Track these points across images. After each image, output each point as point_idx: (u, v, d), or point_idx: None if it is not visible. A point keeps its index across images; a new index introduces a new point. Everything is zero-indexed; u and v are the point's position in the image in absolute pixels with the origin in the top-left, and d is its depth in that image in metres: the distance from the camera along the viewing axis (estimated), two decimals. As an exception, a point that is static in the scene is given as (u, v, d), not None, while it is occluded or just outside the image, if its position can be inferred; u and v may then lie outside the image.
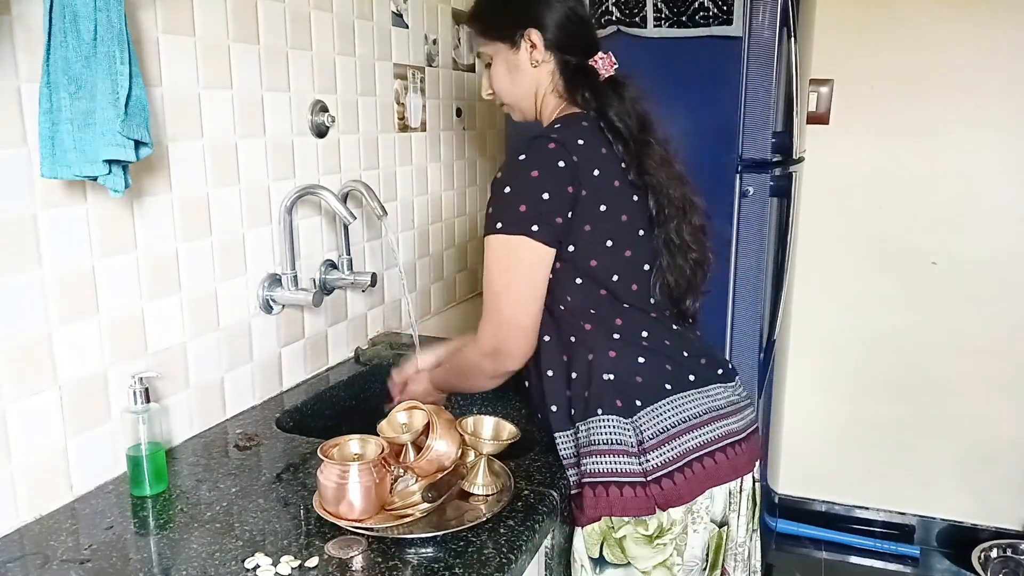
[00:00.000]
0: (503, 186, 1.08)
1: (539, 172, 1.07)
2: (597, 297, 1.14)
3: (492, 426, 1.12)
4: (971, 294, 2.54)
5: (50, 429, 1.04)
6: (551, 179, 1.07)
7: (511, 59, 1.20)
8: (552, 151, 1.07)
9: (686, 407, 1.13)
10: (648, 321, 1.16)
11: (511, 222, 1.07)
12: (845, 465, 2.79)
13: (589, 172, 1.09)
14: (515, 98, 1.24)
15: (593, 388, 1.11)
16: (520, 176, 1.07)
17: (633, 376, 1.12)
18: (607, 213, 1.11)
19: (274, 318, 1.46)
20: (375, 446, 1.03)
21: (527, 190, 1.06)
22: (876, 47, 2.48)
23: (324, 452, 1.00)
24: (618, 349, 1.13)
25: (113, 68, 0.93)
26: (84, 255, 1.07)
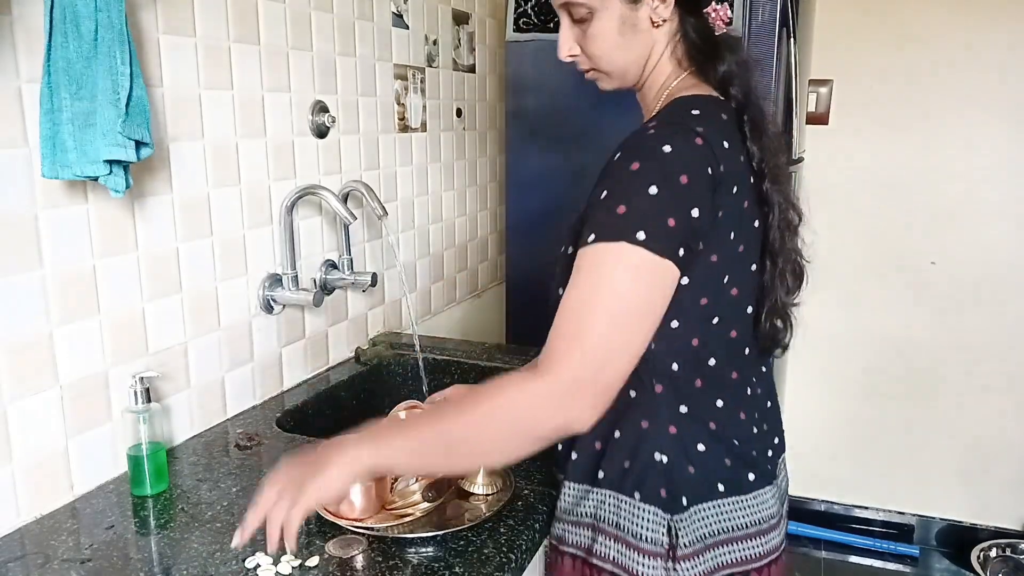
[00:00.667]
0: (646, 182, 0.80)
1: (689, 178, 0.81)
2: (686, 349, 0.90)
3: None
4: (971, 294, 2.54)
5: (51, 429, 1.04)
6: (702, 190, 0.82)
7: (628, 16, 0.91)
8: (701, 151, 0.83)
9: (733, 516, 0.93)
10: (729, 385, 0.94)
11: (660, 237, 0.79)
12: (845, 465, 2.79)
13: (731, 188, 0.86)
14: (621, 65, 0.95)
15: (637, 463, 0.90)
16: (669, 178, 0.81)
17: (687, 465, 0.90)
18: (734, 241, 0.88)
19: (274, 318, 1.46)
20: None
21: (678, 200, 0.81)
22: (876, 47, 2.49)
23: None
24: (681, 425, 0.90)
25: (114, 68, 0.93)
26: (85, 255, 1.07)
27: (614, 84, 0.99)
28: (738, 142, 0.89)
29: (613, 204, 0.81)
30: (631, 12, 0.91)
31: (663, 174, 0.81)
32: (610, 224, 0.80)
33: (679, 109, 0.89)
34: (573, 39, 0.96)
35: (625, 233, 0.79)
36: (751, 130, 0.90)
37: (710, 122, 0.86)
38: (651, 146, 0.83)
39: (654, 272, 0.80)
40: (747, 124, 0.90)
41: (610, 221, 0.80)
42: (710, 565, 0.91)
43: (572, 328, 0.79)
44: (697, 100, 0.90)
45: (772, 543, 0.96)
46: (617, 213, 0.80)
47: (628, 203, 0.80)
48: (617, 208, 0.80)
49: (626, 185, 0.81)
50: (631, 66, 0.96)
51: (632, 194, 0.81)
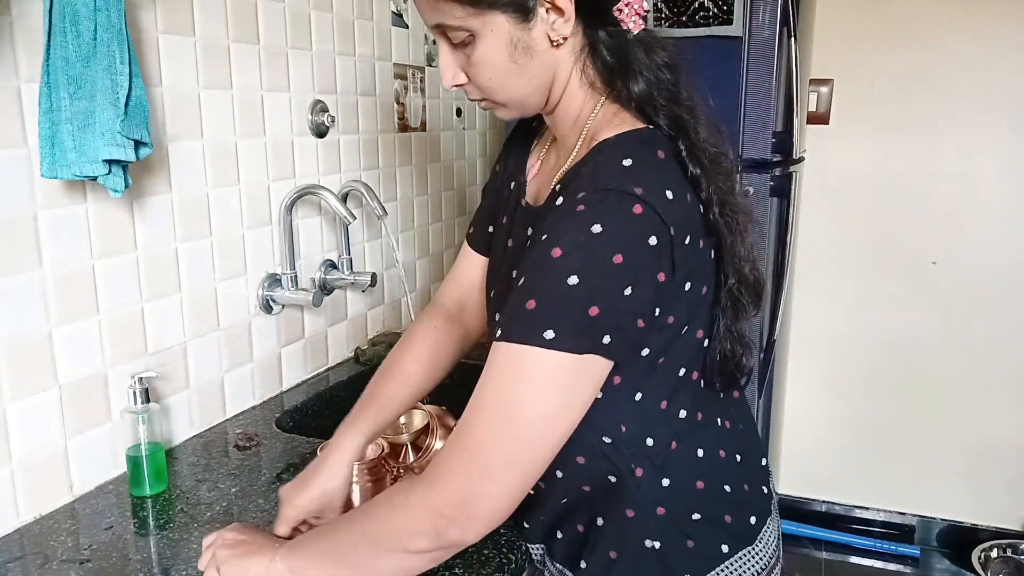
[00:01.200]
0: (566, 273, 0.69)
1: (623, 256, 0.69)
2: (655, 416, 0.81)
3: None
4: (971, 294, 2.54)
5: (50, 429, 1.04)
6: (639, 265, 0.70)
7: (519, 37, 0.76)
8: (640, 220, 0.70)
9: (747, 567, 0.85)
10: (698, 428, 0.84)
11: (575, 331, 0.69)
12: (845, 465, 2.79)
13: (683, 239, 0.74)
14: (517, 95, 0.81)
15: (626, 554, 0.81)
16: (595, 260, 0.69)
17: (684, 540, 0.82)
18: (690, 292, 0.78)
19: (274, 318, 1.46)
20: (375, 446, 1.03)
21: (605, 284, 0.69)
22: (876, 47, 2.48)
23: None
24: (668, 503, 0.81)
25: (113, 68, 0.93)
26: (84, 255, 1.07)
27: (513, 114, 0.85)
28: (681, 180, 0.76)
29: (524, 298, 0.71)
30: (522, 32, 0.76)
31: (589, 259, 0.69)
32: (518, 321, 0.70)
33: (608, 163, 0.74)
34: (457, 65, 0.80)
35: (531, 334, 0.69)
36: (689, 158, 0.78)
37: (646, 171, 0.73)
38: (578, 228, 0.70)
39: (568, 371, 0.70)
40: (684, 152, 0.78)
41: (519, 317, 0.70)
42: None
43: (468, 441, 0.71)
44: (624, 144, 0.76)
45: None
46: (526, 309, 0.70)
47: (539, 297, 0.70)
48: (527, 303, 0.70)
49: (542, 276, 0.71)
50: (531, 95, 0.81)
51: (547, 287, 0.70)
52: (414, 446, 1.10)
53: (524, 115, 0.87)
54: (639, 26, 0.78)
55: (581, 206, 0.71)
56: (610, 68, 0.80)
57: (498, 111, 0.85)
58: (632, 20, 0.77)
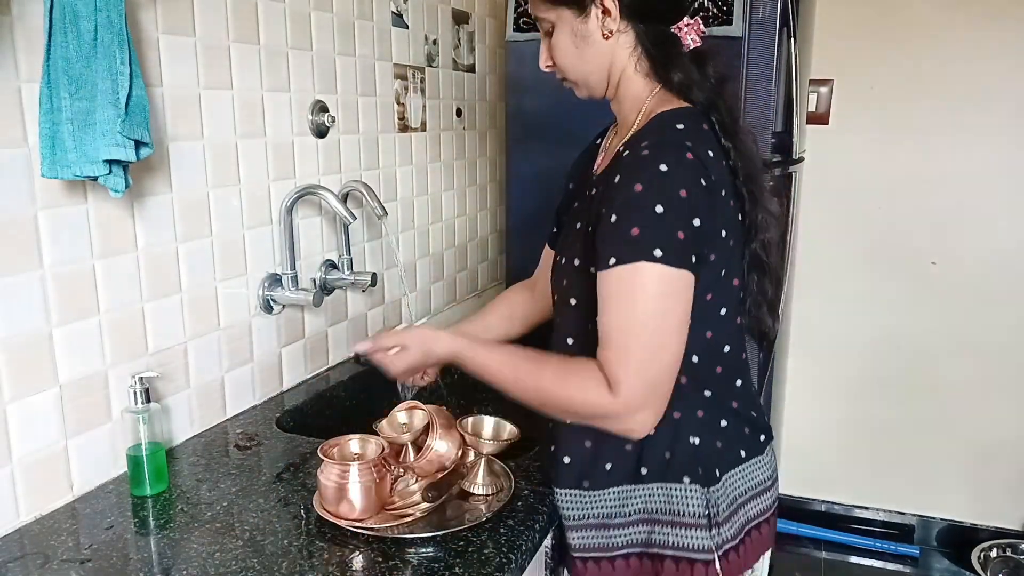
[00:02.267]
0: (652, 203, 0.87)
1: (687, 192, 0.88)
2: (702, 342, 0.98)
3: (492, 426, 1.12)
4: (971, 294, 2.54)
5: (50, 429, 1.04)
6: (699, 200, 0.90)
7: (579, 28, 0.99)
8: (693, 165, 0.90)
9: (754, 474, 1.06)
10: (742, 367, 1.06)
11: (674, 251, 0.87)
12: (845, 465, 2.79)
13: (720, 191, 0.94)
14: (582, 74, 1.03)
15: (677, 451, 0.99)
16: (670, 193, 0.88)
17: (715, 441, 1.01)
18: (726, 239, 0.96)
19: (274, 318, 1.46)
20: (375, 446, 1.03)
21: (681, 213, 0.88)
22: (876, 47, 2.49)
23: (324, 452, 1.00)
24: (707, 408, 1.01)
25: (113, 68, 0.93)
26: (84, 255, 1.07)
27: (583, 93, 1.07)
28: (718, 148, 0.97)
29: (627, 227, 0.88)
30: (581, 24, 0.99)
31: (665, 193, 0.88)
32: (627, 247, 0.88)
33: (664, 126, 0.96)
34: (547, 51, 1.05)
35: (643, 253, 0.87)
36: (722, 130, 0.98)
37: (695, 134, 0.94)
38: (648, 167, 0.89)
39: (675, 284, 0.88)
40: (716, 125, 0.98)
41: (627, 244, 0.88)
42: (741, 521, 1.03)
43: (628, 350, 0.89)
44: (677, 114, 0.97)
45: (773, 496, 1.09)
46: (632, 235, 0.88)
47: (640, 224, 0.88)
48: (631, 231, 0.88)
49: (634, 207, 0.88)
50: (591, 76, 1.03)
51: (641, 215, 0.88)
52: (414, 445, 1.10)
53: (592, 95, 1.06)
54: (696, 43, 1.00)
55: (646, 151, 0.91)
56: (658, 63, 1.00)
57: (576, 89, 1.07)
58: (690, 38, 1.00)
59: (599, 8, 0.97)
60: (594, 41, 0.99)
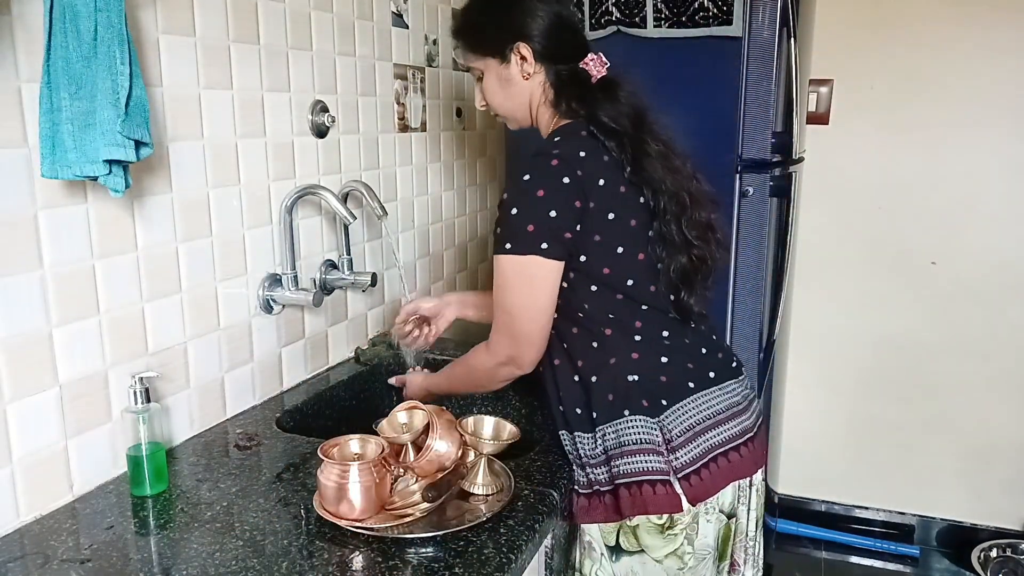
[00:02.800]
0: (510, 208, 1.10)
1: (545, 191, 1.08)
2: (614, 302, 1.15)
3: (492, 426, 1.12)
4: (971, 294, 2.54)
5: (50, 429, 1.04)
6: (557, 196, 1.09)
7: (502, 73, 1.22)
8: (555, 168, 1.09)
9: (709, 404, 1.15)
10: (667, 321, 1.18)
11: (521, 242, 1.09)
12: (845, 465, 2.79)
13: (594, 183, 1.11)
14: (509, 110, 1.26)
15: (618, 390, 1.12)
16: (526, 196, 1.09)
17: (658, 376, 1.14)
18: (616, 221, 1.12)
19: (274, 318, 1.46)
20: (375, 446, 1.03)
21: (534, 210, 1.08)
22: (876, 47, 2.49)
23: (324, 452, 1.00)
24: (640, 351, 1.14)
25: (113, 68, 0.93)
26: (84, 255, 1.07)
27: (514, 125, 1.30)
28: (597, 148, 1.13)
29: (497, 229, 1.12)
30: (504, 70, 1.22)
31: (521, 195, 1.10)
32: (496, 243, 1.12)
33: (545, 142, 1.17)
34: (480, 93, 1.29)
35: (500, 248, 1.11)
36: (603, 135, 1.14)
37: (567, 142, 1.13)
38: (517, 180, 1.11)
39: (524, 268, 1.10)
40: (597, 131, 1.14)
41: (496, 241, 1.12)
42: (703, 448, 1.12)
43: (497, 323, 1.17)
44: (560, 129, 1.19)
45: (745, 424, 1.18)
46: (497, 234, 1.12)
47: (503, 226, 1.11)
48: (497, 230, 1.12)
49: (502, 213, 1.11)
50: (517, 111, 1.26)
51: (504, 218, 1.10)
52: (415, 445, 1.10)
53: (520, 125, 1.29)
54: (600, 73, 1.20)
55: (522, 168, 1.13)
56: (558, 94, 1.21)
57: (508, 123, 1.31)
58: (596, 70, 1.20)
59: (517, 56, 1.19)
60: (516, 82, 1.22)
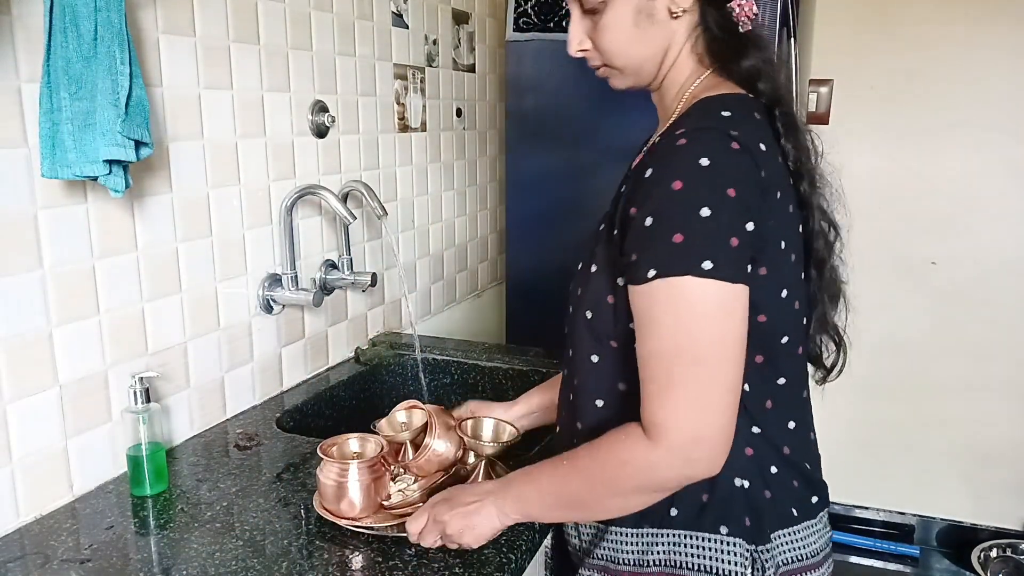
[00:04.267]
0: (696, 204, 0.73)
1: (736, 190, 0.74)
2: (752, 367, 0.82)
3: (492, 428, 1.12)
4: (971, 294, 2.54)
5: (50, 429, 1.04)
6: (750, 200, 0.75)
7: (644, 5, 0.84)
8: (740, 157, 0.76)
9: (807, 542, 0.87)
10: (799, 405, 0.90)
11: (726, 262, 0.72)
12: (845, 465, 2.79)
13: (774, 193, 0.79)
14: (636, 59, 0.87)
15: (717, 494, 0.82)
16: (717, 195, 0.73)
17: (763, 489, 0.84)
18: (785, 251, 0.82)
19: (274, 318, 1.46)
20: (374, 444, 1.03)
21: (732, 216, 0.73)
22: (876, 47, 2.48)
23: (323, 450, 1.00)
24: (757, 446, 0.84)
25: (113, 68, 0.93)
26: (84, 255, 1.07)
27: (627, 82, 0.91)
28: (773, 143, 0.83)
29: (667, 232, 0.73)
30: (648, 1, 0.84)
31: (711, 191, 0.73)
32: (669, 256, 0.73)
33: (707, 111, 0.81)
34: (584, 32, 0.88)
35: (690, 265, 0.72)
36: (784, 128, 0.84)
37: (743, 122, 0.79)
38: (688, 160, 0.74)
39: (729, 301, 0.73)
40: (779, 120, 0.84)
41: (669, 253, 0.73)
42: None
43: (671, 383, 0.74)
44: (726, 99, 0.82)
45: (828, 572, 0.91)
46: (674, 243, 0.72)
47: (684, 230, 0.72)
48: (673, 237, 0.72)
49: (674, 209, 0.73)
50: (647, 62, 0.88)
51: (685, 219, 0.73)
52: (413, 444, 1.10)
53: (637, 83, 0.91)
54: (747, 25, 0.86)
55: (682, 140, 0.76)
56: (720, 44, 0.86)
57: (614, 78, 0.91)
58: (741, 20, 0.86)
59: None
60: (659, 20, 0.84)
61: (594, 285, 0.86)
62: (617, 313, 0.83)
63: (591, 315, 0.87)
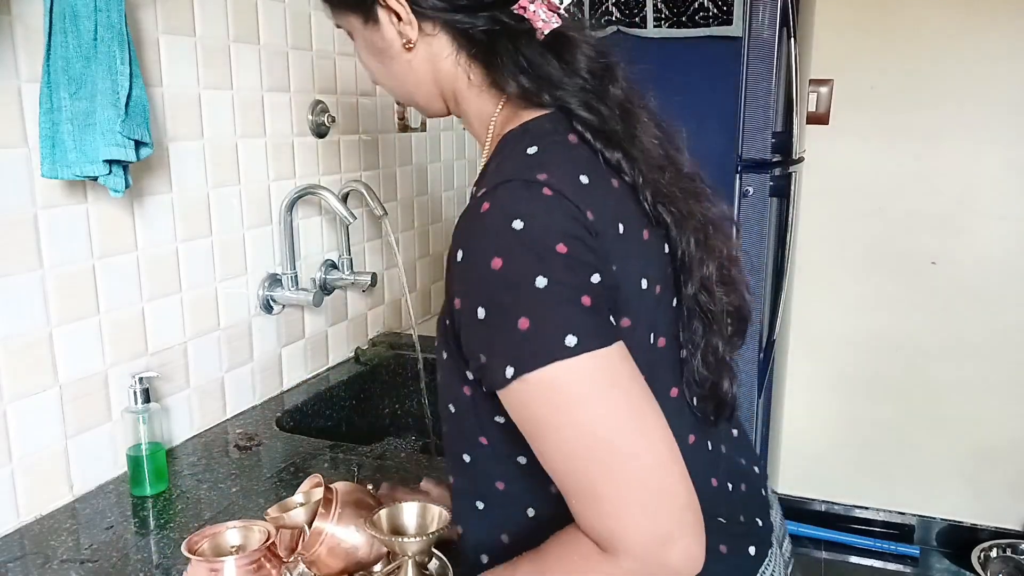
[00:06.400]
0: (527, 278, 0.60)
1: (566, 244, 0.61)
2: None
3: (415, 516, 0.79)
4: (971, 294, 2.54)
5: (50, 429, 1.04)
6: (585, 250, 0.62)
7: (373, 40, 0.76)
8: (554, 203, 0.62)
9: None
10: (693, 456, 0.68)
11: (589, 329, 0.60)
12: (845, 465, 2.79)
13: (615, 229, 0.66)
14: (402, 93, 0.80)
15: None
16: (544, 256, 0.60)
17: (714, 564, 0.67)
18: (648, 289, 0.69)
19: (274, 318, 1.46)
20: (259, 534, 0.81)
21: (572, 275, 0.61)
22: (876, 47, 2.48)
23: (191, 547, 0.78)
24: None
25: (113, 68, 0.93)
26: (84, 255, 1.07)
27: (425, 114, 0.83)
28: (599, 166, 0.68)
29: (508, 322, 0.60)
30: (374, 35, 0.74)
31: (537, 257, 0.60)
32: (522, 349, 0.60)
33: (511, 152, 0.68)
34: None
35: (552, 350, 0.59)
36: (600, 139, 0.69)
37: (553, 156, 0.66)
38: (497, 229, 0.61)
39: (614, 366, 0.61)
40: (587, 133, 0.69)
41: (519, 345, 0.60)
42: None
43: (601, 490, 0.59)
44: (527, 131, 0.69)
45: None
46: (521, 331, 0.59)
47: (526, 313, 0.59)
48: (517, 325, 0.59)
49: (505, 293, 0.60)
50: (414, 95, 0.79)
51: (521, 300, 0.60)
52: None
53: (431, 115, 0.83)
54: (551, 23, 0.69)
55: (486, 203, 0.63)
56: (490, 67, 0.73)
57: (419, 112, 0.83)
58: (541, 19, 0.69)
59: (388, 13, 0.72)
60: (395, 53, 0.75)
61: (447, 376, 0.73)
62: (477, 406, 0.70)
63: (454, 409, 0.74)
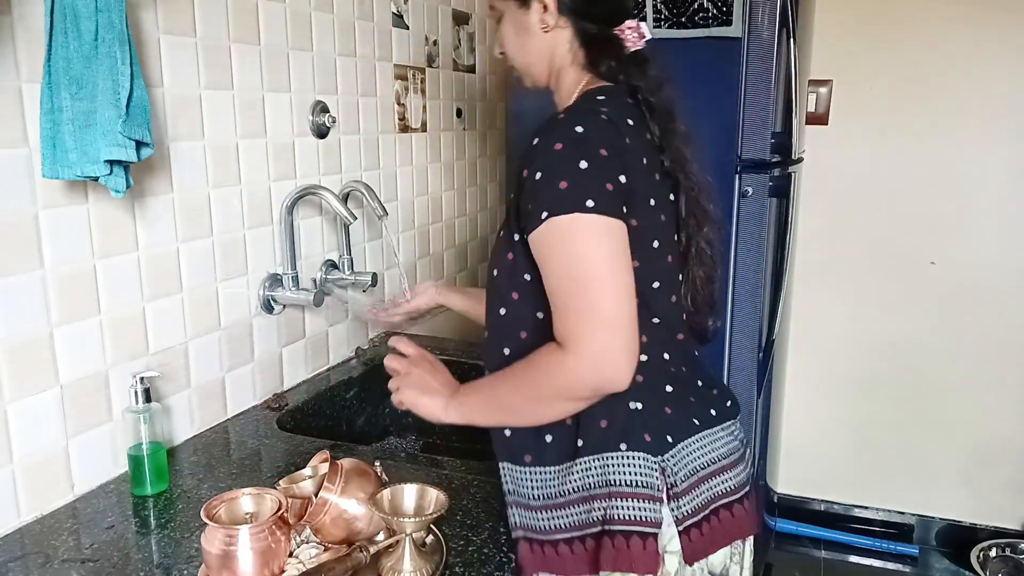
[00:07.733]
0: (575, 158, 0.87)
1: (608, 151, 0.88)
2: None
3: (414, 497, 0.92)
4: (970, 294, 2.54)
5: (51, 428, 1.04)
6: (619, 159, 0.89)
7: (520, 20, 1.03)
8: (607, 126, 0.91)
9: (714, 446, 0.98)
10: (671, 342, 1.00)
11: (603, 200, 0.85)
12: (845, 465, 2.79)
13: (639, 160, 0.93)
14: (524, 63, 1.08)
15: (615, 419, 0.91)
16: (591, 152, 0.87)
17: (662, 406, 0.94)
18: (654, 209, 0.95)
19: (275, 318, 1.46)
20: (271, 502, 0.87)
21: (606, 169, 0.87)
22: (875, 48, 2.49)
23: (208, 512, 0.84)
24: (645, 373, 0.93)
25: (114, 68, 0.93)
26: (85, 255, 1.07)
27: (528, 81, 1.10)
28: (641, 122, 0.97)
29: (554, 182, 0.86)
30: (523, 16, 1.03)
31: (586, 150, 0.87)
32: (558, 200, 0.86)
33: (585, 98, 0.99)
34: (498, 39, 1.10)
35: (576, 205, 0.85)
36: (649, 110, 0.98)
37: (614, 103, 0.95)
38: (565, 128, 0.90)
39: (613, 230, 0.86)
40: (643, 104, 0.98)
41: (558, 197, 0.86)
42: (706, 497, 0.95)
43: (572, 302, 0.85)
44: (602, 88, 0.99)
45: (742, 476, 1.01)
46: (561, 189, 0.86)
47: (567, 179, 0.86)
48: (559, 184, 0.86)
49: (558, 164, 0.87)
50: (532, 67, 1.07)
51: (567, 170, 0.86)
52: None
53: (535, 83, 1.09)
54: (636, 45, 1.03)
55: (561, 115, 0.94)
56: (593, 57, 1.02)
57: (522, 78, 1.10)
58: (631, 41, 1.02)
59: (539, 3, 1.01)
60: (534, 33, 1.03)
61: (500, 245, 0.99)
62: (515, 267, 0.95)
63: (496, 272, 1.00)
